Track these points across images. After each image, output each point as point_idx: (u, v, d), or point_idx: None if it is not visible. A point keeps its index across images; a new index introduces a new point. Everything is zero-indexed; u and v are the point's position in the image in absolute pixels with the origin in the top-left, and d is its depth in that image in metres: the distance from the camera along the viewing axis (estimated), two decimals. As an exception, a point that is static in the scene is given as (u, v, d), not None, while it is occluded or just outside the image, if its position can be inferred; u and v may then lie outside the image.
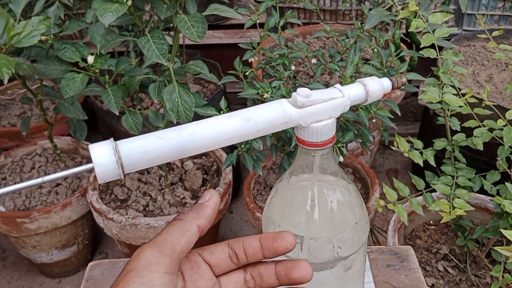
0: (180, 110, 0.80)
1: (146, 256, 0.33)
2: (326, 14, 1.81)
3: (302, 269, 0.37)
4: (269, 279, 0.38)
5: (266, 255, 0.38)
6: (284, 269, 0.38)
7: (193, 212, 0.37)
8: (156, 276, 0.32)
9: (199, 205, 0.38)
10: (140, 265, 0.33)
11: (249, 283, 0.39)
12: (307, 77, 1.42)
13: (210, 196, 0.38)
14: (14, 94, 1.75)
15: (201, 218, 0.37)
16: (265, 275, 0.38)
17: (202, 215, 0.37)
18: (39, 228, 1.27)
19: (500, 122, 0.81)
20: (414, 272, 0.67)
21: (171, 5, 0.75)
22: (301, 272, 0.37)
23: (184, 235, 0.35)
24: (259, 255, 0.38)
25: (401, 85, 0.44)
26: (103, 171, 0.34)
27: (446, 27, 0.75)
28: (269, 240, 0.38)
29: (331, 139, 0.41)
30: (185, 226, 0.36)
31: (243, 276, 0.39)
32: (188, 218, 0.36)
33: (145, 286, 0.32)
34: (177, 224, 0.36)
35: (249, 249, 0.38)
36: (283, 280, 0.38)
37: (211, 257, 0.38)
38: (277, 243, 0.37)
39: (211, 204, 0.38)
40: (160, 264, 0.33)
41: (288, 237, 0.37)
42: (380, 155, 1.88)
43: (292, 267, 0.37)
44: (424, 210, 0.84)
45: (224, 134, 0.37)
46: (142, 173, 1.30)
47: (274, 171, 1.29)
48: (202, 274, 0.37)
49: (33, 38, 0.82)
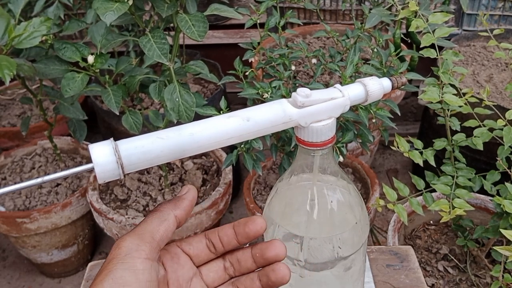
0: (181, 109, 0.80)
1: (126, 244, 0.34)
2: (326, 14, 1.81)
3: (276, 247, 0.38)
4: (246, 263, 0.39)
5: (240, 241, 0.39)
6: (259, 251, 0.39)
7: (170, 203, 0.38)
8: (138, 261, 0.33)
9: (176, 197, 0.39)
10: (121, 252, 0.34)
11: (229, 270, 0.40)
12: (307, 77, 1.42)
13: (188, 190, 0.40)
14: (14, 94, 1.75)
15: (178, 208, 0.38)
16: (242, 260, 0.40)
17: (179, 206, 0.38)
18: (39, 228, 1.27)
19: (500, 122, 0.81)
20: (414, 272, 0.67)
21: (172, 4, 0.75)
22: (275, 251, 0.38)
23: (162, 224, 0.36)
24: (234, 242, 0.39)
25: (401, 85, 0.44)
26: (103, 171, 0.34)
27: (446, 27, 0.75)
28: (241, 225, 0.39)
29: (331, 139, 0.41)
30: (163, 216, 0.37)
31: (222, 264, 0.40)
32: (165, 209, 0.38)
33: (127, 271, 0.33)
34: (155, 214, 0.37)
35: (224, 237, 0.39)
36: (260, 261, 0.39)
37: (189, 248, 0.40)
38: (248, 228, 0.39)
39: (188, 196, 0.39)
40: (140, 250, 0.34)
41: (258, 220, 0.39)
42: (380, 155, 1.88)
43: (266, 247, 0.38)
44: (424, 210, 0.84)
45: (224, 134, 0.37)
46: (142, 173, 1.30)
47: (274, 171, 1.29)
48: (183, 264, 0.39)
49: (34, 39, 0.81)
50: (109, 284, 0.32)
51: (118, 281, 0.32)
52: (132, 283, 0.32)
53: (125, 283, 0.32)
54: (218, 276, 0.40)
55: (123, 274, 0.33)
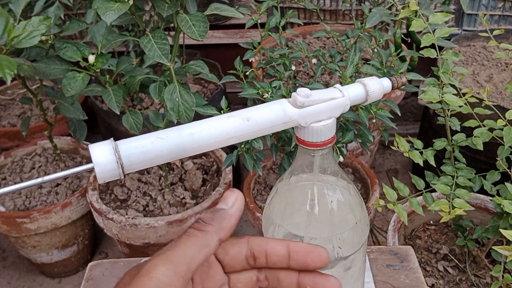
0: (181, 109, 0.80)
1: (157, 275, 0.29)
2: (326, 14, 1.81)
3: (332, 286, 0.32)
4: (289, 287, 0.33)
5: (292, 267, 0.33)
6: (311, 284, 0.33)
7: (216, 223, 0.32)
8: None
9: (222, 213, 0.32)
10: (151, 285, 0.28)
11: (262, 283, 0.35)
12: (307, 77, 1.42)
13: (235, 200, 0.33)
14: (14, 94, 1.75)
15: (223, 230, 0.32)
16: (285, 282, 0.34)
17: (225, 227, 0.32)
18: (39, 228, 1.27)
19: (500, 122, 0.81)
20: (414, 272, 0.67)
21: (172, 4, 0.75)
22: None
23: (203, 250, 0.30)
24: (283, 265, 0.33)
25: (401, 85, 0.44)
26: (103, 171, 0.34)
27: (446, 27, 0.75)
28: (301, 253, 0.33)
29: (331, 139, 0.41)
30: (205, 240, 0.31)
31: (255, 276, 0.34)
32: (209, 231, 0.31)
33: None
34: (196, 236, 0.31)
35: (273, 256, 0.33)
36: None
37: (225, 257, 0.34)
38: (312, 259, 0.32)
39: (235, 213, 0.32)
40: (172, 286, 0.29)
41: (323, 255, 0.33)
42: (380, 155, 1.88)
43: (323, 284, 0.32)
44: (424, 210, 0.84)
45: (224, 134, 0.37)
46: (142, 173, 1.30)
47: (274, 171, 1.29)
48: (212, 274, 0.34)
49: (34, 38, 0.81)
50: None
51: None
52: None
53: None
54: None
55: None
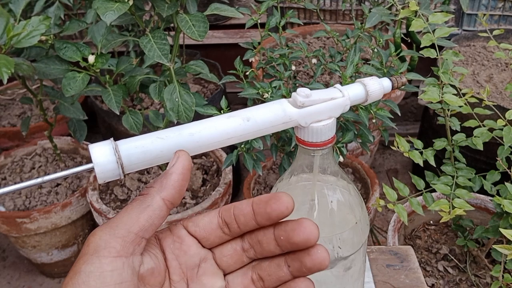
0: (180, 110, 0.80)
1: (95, 240, 0.29)
2: (326, 14, 1.81)
3: (305, 230, 0.30)
4: (269, 246, 0.32)
5: (259, 222, 0.32)
6: (283, 233, 0.31)
7: (156, 184, 0.32)
8: (105, 262, 0.29)
9: (163, 174, 0.32)
10: (88, 251, 0.29)
11: (249, 252, 0.33)
12: (307, 77, 1.42)
13: (176, 158, 0.32)
14: (14, 94, 1.75)
15: (164, 188, 0.31)
16: (264, 241, 0.32)
17: (166, 185, 0.31)
18: (39, 228, 1.27)
19: (500, 122, 0.81)
20: (414, 272, 0.67)
21: (172, 4, 0.75)
22: (304, 234, 0.30)
23: (144, 211, 0.30)
24: (252, 223, 0.32)
25: (401, 85, 0.44)
26: (103, 171, 0.34)
27: (446, 27, 0.75)
28: (262, 204, 0.31)
29: (331, 139, 0.41)
30: (145, 201, 0.31)
31: (240, 246, 0.34)
32: (149, 192, 0.31)
33: (92, 275, 0.28)
34: (137, 200, 0.31)
35: (240, 216, 0.32)
36: (285, 246, 0.32)
37: (196, 230, 0.33)
38: (271, 207, 0.31)
39: (176, 169, 0.32)
40: (110, 247, 0.29)
41: (284, 198, 0.31)
42: (380, 155, 1.88)
43: (293, 229, 0.31)
44: (424, 210, 0.84)
45: (224, 134, 0.37)
46: (142, 173, 1.30)
47: (274, 171, 1.29)
48: (185, 249, 0.33)
49: (33, 38, 0.82)
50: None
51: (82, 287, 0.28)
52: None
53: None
54: (234, 260, 0.34)
55: (88, 278, 0.28)
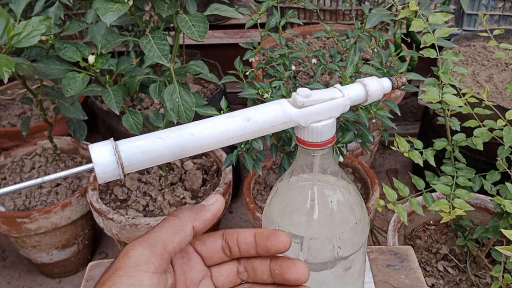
0: (180, 110, 0.80)
1: (136, 254, 0.32)
2: (326, 14, 1.81)
3: (298, 270, 0.35)
4: (262, 275, 0.36)
5: (259, 252, 0.36)
6: (279, 268, 0.36)
7: (192, 212, 0.35)
8: (145, 276, 0.31)
9: (200, 206, 0.36)
10: (129, 263, 0.31)
11: (242, 275, 0.37)
12: (307, 77, 1.42)
13: (215, 200, 0.37)
14: (14, 94, 1.75)
15: (198, 220, 0.35)
16: (259, 270, 0.37)
17: (200, 217, 0.35)
18: (39, 228, 1.27)
19: (500, 122, 0.81)
20: (414, 272, 0.67)
21: (172, 4, 0.75)
22: (297, 274, 0.35)
23: (178, 234, 0.34)
24: (252, 251, 0.36)
25: (401, 85, 0.44)
26: (103, 171, 0.34)
27: (446, 27, 0.75)
28: (263, 237, 0.36)
29: (331, 139, 0.41)
30: (180, 225, 0.34)
31: (236, 268, 0.37)
32: (184, 217, 0.35)
33: (133, 287, 0.30)
34: (172, 221, 0.34)
35: (243, 243, 0.36)
36: (277, 279, 0.36)
37: (202, 248, 0.37)
38: (271, 242, 0.35)
39: (213, 209, 0.36)
40: (150, 263, 0.32)
41: (283, 237, 0.36)
42: (380, 155, 1.88)
43: (288, 267, 0.35)
44: (424, 210, 0.84)
45: (224, 134, 0.37)
46: (142, 173, 1.30)
47: (274, 171, 1.29)
48: (193, 265, 0.36)
49: (33, 38, 0.82)
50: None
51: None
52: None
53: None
54: (229, 280, 0.37)
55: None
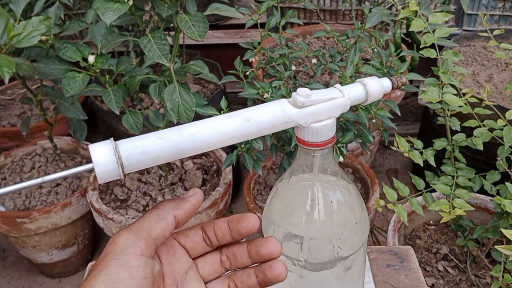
0: (181, 110, 0.80)
1: (122, 239, 0.34)
2: (326, 14, 1.81)
3: (270, 245, 0.38)
4: (242, 258, 0.39)
5: (234, 237, 0.39)
6: (254, 247, 0.38)
7: (172, 203, 0.38)
8: (133, 258, 0.33)
9: (180, 197, 0.39)
10: (116, 248, 0.33)
11: (225, 263, 0.40)
12: (307, 77, 1.42)
13: (194, 193, 0.39)
14: (14, 94, 1.75)
15: (179, 209, 0.37)
16: (238, 254, 0.39)
17: (180, 207, 0.38)
18: (39, 228, 1.27)
19: (500, 122, 0.81)
20: (414, 272, 0.67)
21: (172, 4, 0.75)
22: (269, 248, 0.37)
23: (160, 222, 0.36)
24: (228, 237, 0.39)
25: (401, 85, 0.44)
26: (103, 171, 0.34)
27: (447, 27, 0.75)
28: (234, 222, 0.38)
29: (331, 139, 0.41)
30: (162, 214, 0.37)
31: (219, 257, 0.40)
32: (165, 207, 0.37)
33: (122, 267, 0.32)
34: (154, 211, 0.37)
35: (219, 231, 0.39)
36: (255, 257, 0.38)
37: (186, 241, 0.39)
38: (240, 225, 0.38)
39: (192, 199, 0.39)
40: (136, 247, 0.34)
41: (251, 218, 0.38)
42: (380, 155, 1.88)
43: (261, 244, 0.38)
44: (424, 210, 0.84)
45: (224, 134, 0.37)
46: (142, 173, 1.30)
47: (274, 171, 1.29)
48: (178, 257, 0.38)
49: (33, 38, 0.81)
50: (102, 280, 0.32)
51: (112, 277, 0.32)
52: (126, 280, 0.32)
53: (119, 279, 0.32)
54: (214, 269, 0.40)
55: (117, 270, 0.32)
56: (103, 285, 0.32)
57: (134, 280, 0.33)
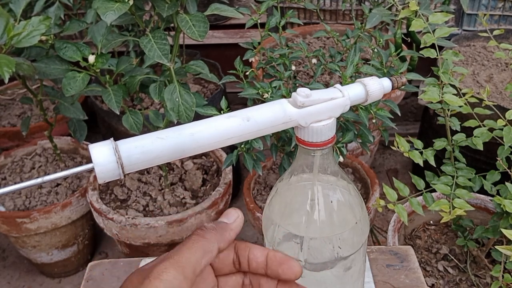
0: (181, 110, 0.80)
1: (168, 278, 0.31)
2: (326, 14, 1.81)
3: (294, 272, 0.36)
4: None
5: (269, 275, 0.37)
6: None
7: (218, 234, 0.35)
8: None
9: (224, 225, 0.37)
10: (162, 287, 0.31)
11: (247, 287, 0.38)
12: (307, 77, 1.42)
13: (236, 218, 0.37)
14: (14, 94, 1.75)
15: (223, 241, 0.35)
16: (264, 285, 0.37)
17: (225, 238, 0.36)
18: (39, 228, 1.27)
19: (500, 122, 0.81)
20: (414, 272, 0.67)
21: (172, 4, 0.75)
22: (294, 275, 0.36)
23: (206, 256, 0.34)
24: (261, 271, 0.37)
25: (401, 85, 0.44)
26: (103, 171, 0.34)
27: (446, 27, 0.75)
28: (276, 262, 0.36)
29: (331, 139, 0.41)
30: (208, 246, 0.34)
31: (241, 280, 0.38)
32: (211, 239, 0.35)
33: None
34: (200, 242, 0.34)
35: (254, 262, 0.37)
36: None
37: (215, 260, 0.37)
38: (282, 270, 0.36)
39: (236, 227, 0.37)
40: None
41: (295, 268, 0.36)
42: (380, 155, 1.88)
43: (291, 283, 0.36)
44: (424, 210, 0.84)
45: (224, 134, 0.37)
46: (142, 173, 1.30)
47: (274, 171, 1.29)
48: (205, 277, 0.37)
49: (33, 38, 0.81)
50: None
51: None
52: None
53: None
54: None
55: None
56: None
57: None
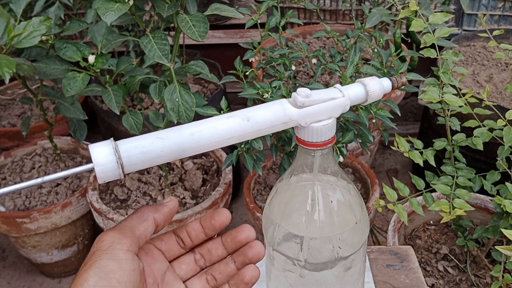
0: (181, 110, 0.80)
1: (108, 237, 0.36)
2: (326, 14, 1.81)
3: (245, 229, 0.41)
4: (217, 251, 0.42)
5: (207, 234, 0.42)
6: (230, 237, 0.41)
7: (151, 207, 0.41)
8: (120, 252, 0.35)
9: (157, 203, 0.42)
10: (104, 245, 0.36)
11: (199, 262, 0.42)
12: (307, 77, 1.42)
13: (170, 199, 0.42)
14: (14, 94, 1.75)
15: (157, 212, 0.40)
16: (213, 249, 0.42)
17: (159, 210, 0.40)
18: (39, 228, 1.27)
19: (500, 122, 0.81)
20: (414, 272, 0.67)
21: (172, 4, 0.75)
22: (246, 233, 0.40)
23: (142, 223, 0.39)
24: (201, 235, 0.42)
25: (401, 85, 0.44)
26: (103, 171, 0.34)
27: (446, 27, 0.75)
28: (207, 219, 0.41)
29: (331, 139, 0.41)
30: (143, 216, 0.39)
31: (193, 257, 0.42)
32: (145, 210, 0.40)
33: (111, 260, 0.35)
34: (135, 214, 0.40)
35: (192, 231, 0.42)
36: (231, 246, 0.41)
37: (161, 244, 0.42)
38: (214, 220, 0.41)
39: (169, 204, 0.41)
40: (122, 243, 0.36)
41: (224, 212, 0.41)
42: (380, 155, 1.88)
43: (236, 231, 0.41)
44: (424, 210, 0.84)
45: (224, 134, 0.37)
46: (142, 173, 1.30)
47: (274, 171, 1.29)
48: (156, 258, 0.41)
49: (34, 38, 0.81)
50: (94, 272, 0.34)
51: (104, 269, 0.34)
52: (117, 271, 0.34)
53: (110, 270, 0.34)
54: (190, 268, 0.42)
55: (108, 263, 0.34)
56: (96, 277, 0.33)
57: (124, 271, 0.35)
